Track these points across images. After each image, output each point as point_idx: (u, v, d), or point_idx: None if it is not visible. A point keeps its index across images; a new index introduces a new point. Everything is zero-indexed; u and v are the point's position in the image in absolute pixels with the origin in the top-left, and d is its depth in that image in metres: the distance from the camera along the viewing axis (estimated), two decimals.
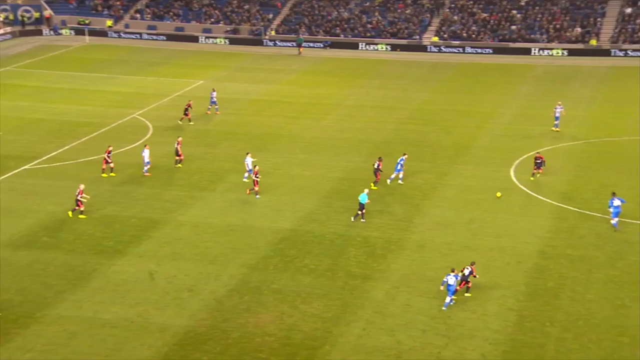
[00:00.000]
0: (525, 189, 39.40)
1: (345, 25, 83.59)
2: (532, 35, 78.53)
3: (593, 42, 75.81)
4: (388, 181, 40.27)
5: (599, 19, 78.58)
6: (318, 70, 70.51)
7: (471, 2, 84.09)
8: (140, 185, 40.39)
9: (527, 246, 32.62)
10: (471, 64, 73.04)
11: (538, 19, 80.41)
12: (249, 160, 40.69)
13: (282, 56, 76.87)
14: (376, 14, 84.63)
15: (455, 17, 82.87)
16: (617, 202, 34.28)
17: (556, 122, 48.92)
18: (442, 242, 33.46)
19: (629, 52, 73.51)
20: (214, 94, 54.63)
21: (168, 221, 35.92)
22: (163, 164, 42.70)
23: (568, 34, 77.59)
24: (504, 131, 50.49)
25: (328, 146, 47.52)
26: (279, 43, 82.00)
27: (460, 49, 78.53)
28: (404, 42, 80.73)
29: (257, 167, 38.91)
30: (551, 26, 78.81)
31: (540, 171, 39.57)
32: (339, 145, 47.64)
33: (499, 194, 37.80)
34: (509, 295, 28.58)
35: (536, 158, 40.30)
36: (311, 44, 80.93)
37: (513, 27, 79.94)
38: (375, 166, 40.06)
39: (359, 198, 35.28)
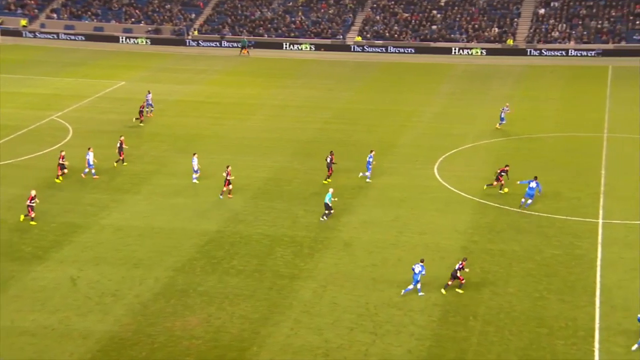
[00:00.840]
0: (448, 185, 40.20)
1: (269, 25, 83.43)
2: (452, 35, 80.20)
3: (510, 41, 78.01)
4: (359, 175, 40.74)
5: (515, 20, 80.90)
6: (242, 71, 70.13)
7: (392, 2, 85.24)
8: (61, 189, 39.28)
9: (450, 242, 33.29)
10: (394, 64, 74.04)
11: (457, 19, 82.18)
12: (195, 161, 40.19)
13: (206, 56, 76.11)
14: (299, 13, 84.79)
15: (378, 17, 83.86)
16: (533, 185, 36.13)
17: (501, 122, 49.59)
18: (369, 240, 33.79)
19: (543, 51, 75.97)
20: (149, 95, 53.69)
21: (90, 225, 35.05)
22: (84, 167, 41.58)
23: (486, 33, 79.59)
24: (426, 129, 51.39)
25: (254, 146, 47.32)
26: (202, 43, 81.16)
27: (383, 49, 79.49)
28: (327, 41, 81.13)
29: (229, 168, 38.48)
30: (470, 26, 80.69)
31: (501, 182, 38.46)
32: (264, 145, 47.51)
33: (506, 190, 37.89)
34: (434, 291, 29.09)
35: (501, 171, 38.71)
36: (234, 44, 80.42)
37: (434, 27, 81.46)
38: (328, 160, 40.29)
39: (325, 198, 35.37)
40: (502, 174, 38.44)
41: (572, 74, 67.88)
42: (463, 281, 28.90)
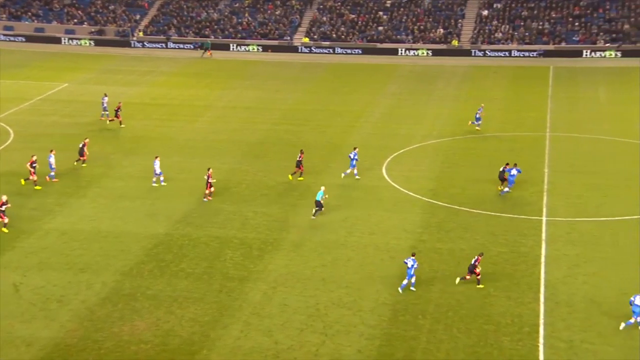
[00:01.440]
0: (396, 186, 40.50)
1: (216, 27, 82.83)
2: (398, 36, 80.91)
3: (455, 42, 79.10)
4: (342, 175, 41.04)
5: (459, 21, 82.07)
6: (189, 72, 69.44)
7: (339, 3, 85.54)
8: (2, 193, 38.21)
9: (399, 242, 33.54)
10: (341, 64, 74.30)
11: (403, 20, 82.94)
12: (157, 164, 39.64)
13: (151, 58, 75.13)
14: (246, 15, 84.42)
15: (324, 18, 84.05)
16: (514, 172, 38.22)
17: (478, 123, 49.57)
18: (318, 240, 33.81)
19: (487, 52, 77.24)
20: (105, 99, 52.59)
21: (34, 230, 34.22)
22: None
23: (432, 34, 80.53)
24: (374, 130, 51.70)
25: (202, 148, 46.90)
26: (147, 44, 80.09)
27: (330, 50, 79.70)
28: (275, 43, 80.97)
29: (210, 170, 38.06)
30: (416, 27, 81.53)
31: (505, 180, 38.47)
32: (213, 147, 47.11)
33: (500, 187, 38.29)
34: (383, 290, 29.26)
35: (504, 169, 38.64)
36: (181, 46, 79.61)
37: (380, 28, 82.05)
38: (298, 159, 40.57)
39: (317, 195, 35.90)
40: (506, 171, 38.35)
41: (514, 74, 69.18)
42: (479, 276, 29.24)
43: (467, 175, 41.91)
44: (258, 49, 79.81)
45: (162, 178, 39.92)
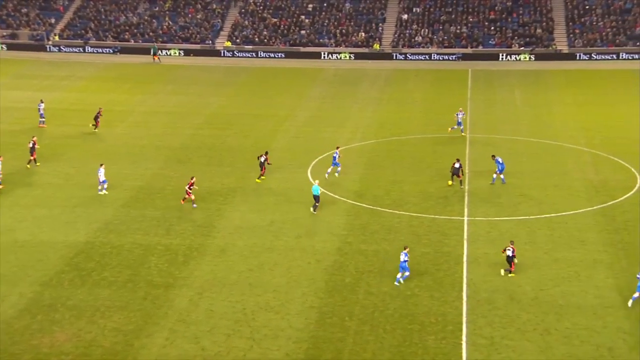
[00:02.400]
0: (321, 188, 40.61)
1: (135, 31, 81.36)
2: (321, 40, 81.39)
3: (376, 46, 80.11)
4: (326, 175, 41.14)
5: (380, 25, 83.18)
6: (108, 77, 67.97)
7: (261, 7, 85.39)
8: None
9: (325, 244, 33.68)
10: (264, 68, 74.21)
11: (325, 24, 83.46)
12: (101, 172, 38.66)
13: (69, 62, 73.19)
14: (166, 18, 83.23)
15: (247, 22, 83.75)
16: (500, 159, 40.54)
17: (461, 128, 49.55)
18: (244, 245, 33.61)
19: (408, 55, 78.55)
20: (42, 105, 50.85)
21: None
22: None
23: (354, 38, 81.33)
24: (299, 133, 51.80)
25: (123, 154, 45.96)
26: (64, 49, 77.97)
27: (253, 54, 79.50)
28: (197, 47, 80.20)
29: (193, 179, 37.49)
30: (338, 31, 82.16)
31: (460, 178, 39.66)
32: (134, 152, 46.23)
33: (450, 182, 39.00)
34: (310, 294, 29.32)
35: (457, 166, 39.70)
36: (99, 50, 77.85)
37: (302, 32, 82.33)
38: (262, 160, 41.15)
39: (312, 190, 36.81)
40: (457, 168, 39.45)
41: (435, 77, 70.60)
42: (513, 267, 30.09)
43: (390, 177, 42.47)
44: (180, 53, 78.84)
45: (105, 186, 38.85)
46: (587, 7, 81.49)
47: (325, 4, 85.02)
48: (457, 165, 40.25)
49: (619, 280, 29.82)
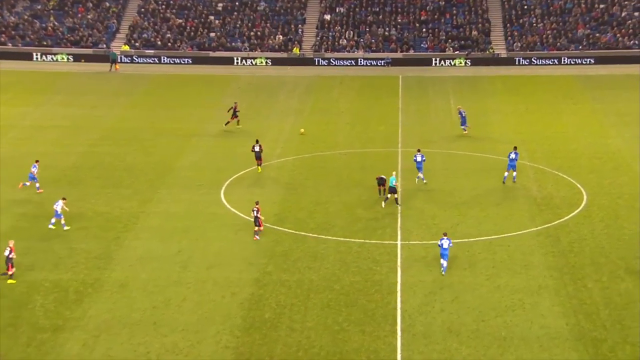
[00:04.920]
0: (237, 212, 40.54)
1: (14, 32, 79.49)
2: (233, 44, 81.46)
3: (296, 50, 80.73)
4: (422, 180, 43.46)
5: (300, 26, 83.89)
6: None
7: (163, 6, 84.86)
8: None
9: (241, 275, 33.54)
10: (169, 76, 73.69)
11: (238, 25, 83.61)
12: (58, 205, 37.53)
13: None
14: (51, 18, 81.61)
15: (147, 23, 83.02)
16: (512, 155, 43.60)
17: (464, 125, 53.63)
18: (148, 278, 33.15)
19: (332, 60, 79.46)
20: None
21: None
22: None
23: (270, 42, 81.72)
24: (210, 149, 51.56)
25: (3, 177, 44.69)
26: None
27: (156, 59, 78.89)
28: (89, 51, 79.04)
29: (258, 205, 37.28)
30: (252, 33, 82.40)
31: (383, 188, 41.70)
32: (17, 174, 45.00)
33: (302, 130, 39.60)
34: (225, 332, 29.12)
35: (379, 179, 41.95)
36: None
37: (212, 35, 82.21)
38: (257, 149, 45.92)
39: (390, 181, 40.51)
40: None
41: (362, 84, 71.59)
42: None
43: (314, 197, 42.72)
44: (68, 59, 77.47)
45: (52, 220, 37.74)
46: (525, 7, 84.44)
47: (237, 3, 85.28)
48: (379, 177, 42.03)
49: (566, 307, 30.79)
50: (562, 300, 31.35)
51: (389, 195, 40.96)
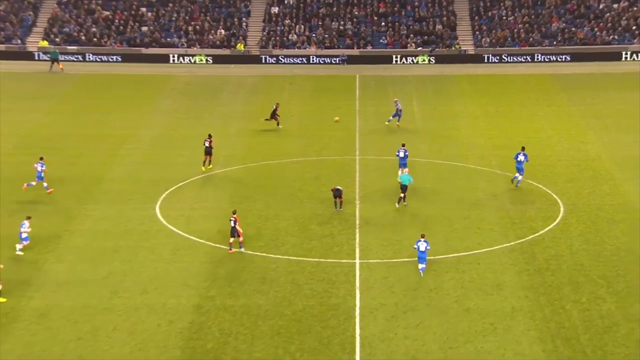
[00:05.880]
0: (174, 229, 40.34)
1: None
2: (169, 39, 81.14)
3: (240, 47, 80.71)
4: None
5: (244, 20, 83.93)
6: None
7: None
8: None
9: (180, 300, 33.36)
10: (95, 76, 73.10)
11: (174, 18, 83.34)
12: (25, 226, 36.90)
13: None
14: None
15: (68, 16, 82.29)
16: (521, 157, 45.17)
17: (394, 118, 57.13)
18: (73, 305, 32.81)
19: (280, 58, 79.59)
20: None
21: None
22: None
23: (211, 37, 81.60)
24: (144, 158, 51.25)
25: None
26: None
27: (79, 57, 78.27)
28: (1, 47, 78.10)
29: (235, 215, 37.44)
30: (190, 28, 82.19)
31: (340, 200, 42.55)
32: None
33: (337, 118, 40.02)
34: None
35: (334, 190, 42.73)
36: None
37: (144, 29, 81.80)
38: (207, 145, 47.80)
39: (401, 180, 42.97)
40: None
41: (315, 85, 71.82)
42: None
43: (262, 211, 42.71)
44: None
45: (18, 245, 37.16)
46: None
47: None
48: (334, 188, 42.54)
49: (542, 332, 31.20)
50: (538, 323, 31.76)
51: (402, 195, 42.89)
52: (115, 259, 36.98)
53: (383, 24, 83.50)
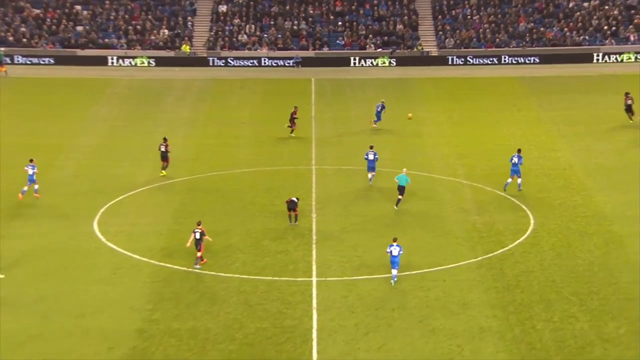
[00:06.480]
0: (114, 246, 40.03)
1: None
2: (107, 40, 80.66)
3: (186, 48, 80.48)
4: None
5: (189, 19, 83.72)
6: None
7: None
8: None
9: (121, 325, 33.05)
10: (25, 79, 72.48)
11: (112, 17, 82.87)
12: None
13: None
14: None
15: None
16: (515, 160, 46.58)
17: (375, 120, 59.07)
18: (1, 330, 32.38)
19: (230, 60, 79.51)
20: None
21: None
22: None
23: (153, 37, 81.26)
24: (80, 170, 50.85)
25: None
26: None
27: (7, 59, 77.48)
28: None
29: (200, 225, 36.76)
30: (130, 27, 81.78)
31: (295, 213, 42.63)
32: None
33: (410, 115, 40.27)
34: None
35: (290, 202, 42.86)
36: None
37: (79, 29, 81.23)
38: (163, 149, 48.59)
39: (398, 181, 44.17)
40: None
41: (267, 89, 71.86)
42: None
43: (211, 226, 42.40)
44: None
45: None
46: None
47: None
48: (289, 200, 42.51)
49: (513, 353, 31.41)
50: (508, 344, 31.98)
51: (400, 197, 44.36)
52: (47, 281, 36.54)
53: (340, 23, 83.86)
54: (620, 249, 39.85)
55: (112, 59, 78.60)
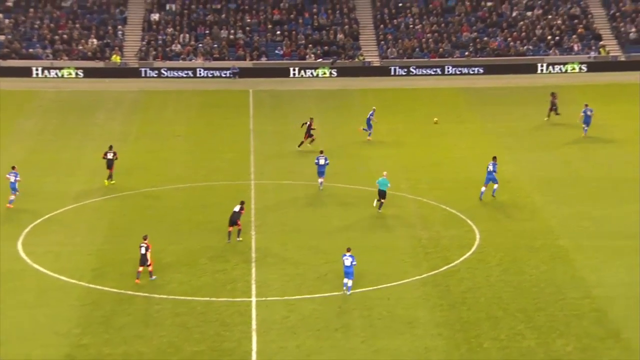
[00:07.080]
0: (40, 268, 39.52)
1: None
2: (31, 50, 79.78)
3: (116, 58, 79.87)
4: None
5: (119, 27, 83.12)
6: None
7: None
8: None
9: (47, 351, 32.59)
10: None
11: (37, 26, 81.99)
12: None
13: None
14: None
15: None
16: (490, 167, 48.03)
17: (370, 131, 60.06)
18: None
19: (163, 71, 79.08)
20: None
21: None
22: None
23: (81, 47, 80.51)
24: (3, 187, 50.07)
25: None
26: None
27: None
28: None
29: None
30: (57, 37, 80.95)
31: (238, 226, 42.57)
32: None
33: (435, 119, 40.12)
34: None
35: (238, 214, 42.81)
36: None
37: (1, 38, 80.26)
38: (110, 157, 49.24)
39: (378, 185, 45.55)
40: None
41: (203, 101, 71.64)
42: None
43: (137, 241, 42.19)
44: None
45: None
46: (400, 4, 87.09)
47: None
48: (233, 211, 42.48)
49: None
50: None
51: (383, 200, 45.74)
52: None
53: (278, 32, 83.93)
54: (566, 264, 40.34)
55: (37, 70, 77.71)
